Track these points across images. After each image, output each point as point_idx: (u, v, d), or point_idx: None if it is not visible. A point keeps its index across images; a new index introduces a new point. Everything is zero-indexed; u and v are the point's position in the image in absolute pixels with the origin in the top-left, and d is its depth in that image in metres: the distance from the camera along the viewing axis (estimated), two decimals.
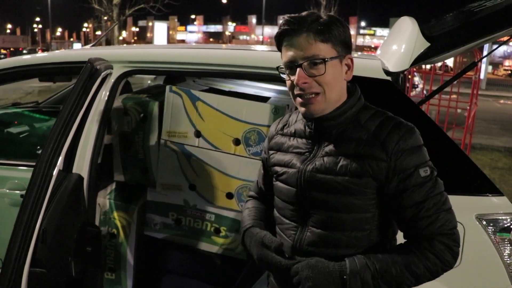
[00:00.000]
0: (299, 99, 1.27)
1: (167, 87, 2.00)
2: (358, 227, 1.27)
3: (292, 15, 1.26)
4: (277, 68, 1.32)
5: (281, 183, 1.37)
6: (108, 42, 23.92)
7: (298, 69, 1.24)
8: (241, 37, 69.22)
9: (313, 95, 1.25)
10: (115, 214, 2.11)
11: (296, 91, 1.26)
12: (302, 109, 1.28)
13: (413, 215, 1.23)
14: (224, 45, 2.64)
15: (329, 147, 1.29)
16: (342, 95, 1.30)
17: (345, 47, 1.28)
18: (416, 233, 1.24)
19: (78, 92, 1.62)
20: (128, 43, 52.68)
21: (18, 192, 2.12)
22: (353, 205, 1.25)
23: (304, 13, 1.27)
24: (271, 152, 1.44)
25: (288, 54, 1.25)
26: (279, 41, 1.29)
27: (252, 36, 64.22)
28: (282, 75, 1.31)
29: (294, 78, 1.25)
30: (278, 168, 1.39)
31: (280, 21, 1.28)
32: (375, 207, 1.27)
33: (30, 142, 2.95)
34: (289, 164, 1.35)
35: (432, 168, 1.26)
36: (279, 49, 1.31)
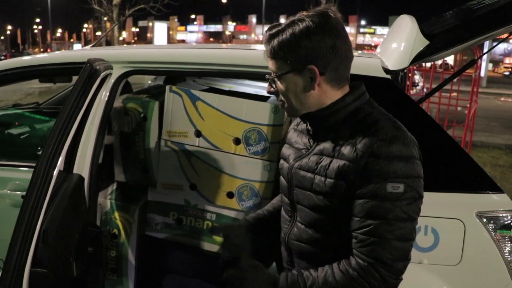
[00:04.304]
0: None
1: (167, 87, 2.00)
2: (336, 230, 1.24)
3: (269, 30, 1.28)
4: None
5: (281, 176, 1.43)
6: (108, 43, 23.93)
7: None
8: (241, 37, 69.23)
9: (281, 102, 1.32)
10: (116, 214, 2.11)
11: None
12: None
13: (357, 227, 1.16)
14: (224, 45, 2.64)
15: (319, 147, 1.30)
16: (313, 104, 1.26)
17: (306, 60, 1.21)
18: (357, 249, 1.16)
19: (77, 93, 1.62)
20: (128, 43, 52.70)
21: (19, 193, 2.12)
22: (328, 206, 1.23)
23: (276, 28, 1.25)
24: (284, 144, 1.50)
25: None
26: None
27: (252, 35, 64.21)
28: None
29: None
30: (280, 161, 1.44)
31: None
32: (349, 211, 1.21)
33: (31, 143, 2.95)
34: (286, 158, 1.40)
35: (408, 187, 1.14)
36: None
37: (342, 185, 1.19)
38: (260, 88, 2.43)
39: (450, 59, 12.04)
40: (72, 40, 70.79)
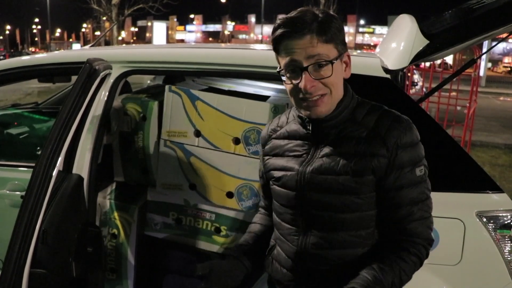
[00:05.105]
0: (303, 103, 1.23)
1: (167, 87, 2.00)
2: (363, 226, 1.26)
3: (289, 15, 1.21)
4: (278, 72, 1.27)
5: (279, 188, 1.34)
6: (107, 43, 23.91)
7: (304, 73, 1.19)
8: (240, 36, 69.28)
9: (320, 97, 1.22)
10: (116, 214, 2.11)
11: (301, 95, 1.22)
12: (307, 113, 1.25)
13: (405, 216, 1.23)
14: (223, 44, 2.63)
15: (328, 148, 1.27)
16: (342, 93, 1.28)
17: (344, 44, 1.25)
18: (404, 233, 1.25)
19: (77, 93, 1.62)
20: (127, 43, 52.68)
21: (18, 193, 2.12)
22: (356, 204, 1.23)
23: (298, 13, 1.21)
24: (266, 158, 1.41)
25: (290, 57, 1.20)
26: (277, 43, 1.23)
27: (251, 35, 64.24)
28: (282, 78, 1.27)
29: (300, 82, 1.20)
30: (275, 173, 1.35)
31: (277, 22, 1.23)
32: (376, 204, 1.26)
33: (30, 143, 2.95)
34: (286, 167, 1.32)
35: (426, 167, 1.26)
36: (276, 51, 1.25)
37: (371, 179, 1.23)
38: (259, 87, 2.43)
39: (449, 59, 12.04)
40: (71, 40, 70.79)
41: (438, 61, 6.55)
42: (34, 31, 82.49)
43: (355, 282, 1.18)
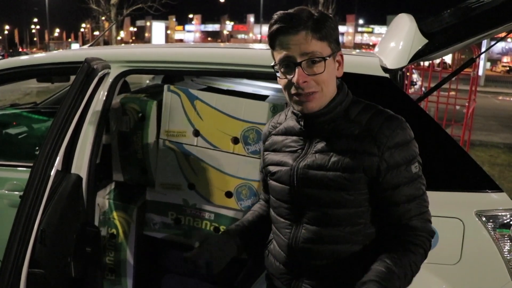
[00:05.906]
0: (295, 98, 1.26)
1: (165, 87, 1.99)
2: (352, 222, 1.27)
3: (285, 12, 1.24)
4: (273, 67, 1.30)
5: (275, 182, 1.37)
6: (106, 43, 23.90)
7: (297, 68, 1.22)
8: (239, 36, 69.32)
9: (311, 93, 1.24)
10: (115, 214, 2.10)
11: (294, 90, 1.25)
12: (299, 107, 1.28)
13: (404, 213, 1.25)
14: (222, 44, 2.63)
15: (321, 144, 1.29)
16: (334, 91, 1.30)
17: (337, 43, 1.28)
18: (406, 229, 1.26)
19: (75, 92, 1.62)
20: (126, 43, 52.67)
21: (17, 193, 2.11)
22: (346, 200, 1.25)
23: (295, 10, 1.24)
24: (265, 153, 1.44)
25: (285, 52, 1.23)
26: (273, 39, 1.26)
27: (250, 35, 64.27)
28: (276, 73, 1.30)
29: (293, 77, 1.23)
30: (271, 168, 1.39)
31: (273, 18, 1.25)
32: (367, 201, 1.27)
33: (29, 143, 2.95)
34: (281, 162, 1.35)
35: (420, 163, 1.28)
36: (272, 47, 1.28)
37: (362, 177, 1.24)
38: (258, 87, 2.42)
39: (448, 58, 12.04)
40: (70, 39, 70.81)
41: (437, 60, 6.56)
42: (33, 31, 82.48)
43: (369, 276, 1.14)
